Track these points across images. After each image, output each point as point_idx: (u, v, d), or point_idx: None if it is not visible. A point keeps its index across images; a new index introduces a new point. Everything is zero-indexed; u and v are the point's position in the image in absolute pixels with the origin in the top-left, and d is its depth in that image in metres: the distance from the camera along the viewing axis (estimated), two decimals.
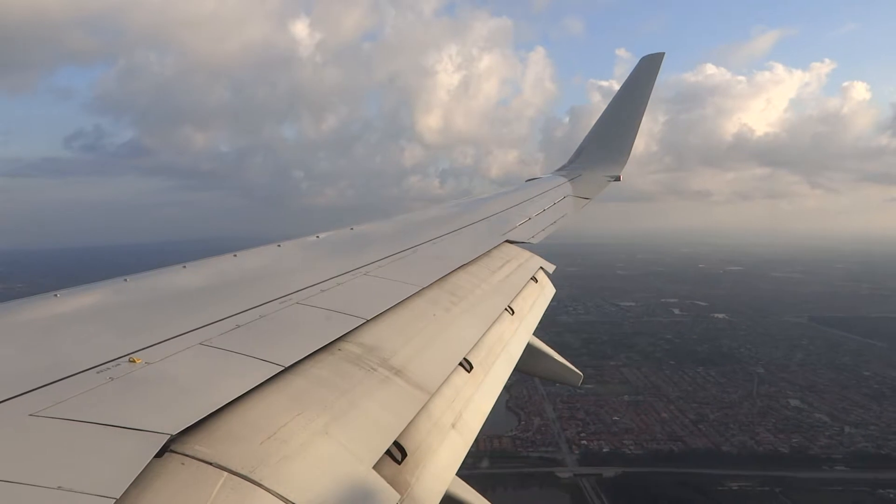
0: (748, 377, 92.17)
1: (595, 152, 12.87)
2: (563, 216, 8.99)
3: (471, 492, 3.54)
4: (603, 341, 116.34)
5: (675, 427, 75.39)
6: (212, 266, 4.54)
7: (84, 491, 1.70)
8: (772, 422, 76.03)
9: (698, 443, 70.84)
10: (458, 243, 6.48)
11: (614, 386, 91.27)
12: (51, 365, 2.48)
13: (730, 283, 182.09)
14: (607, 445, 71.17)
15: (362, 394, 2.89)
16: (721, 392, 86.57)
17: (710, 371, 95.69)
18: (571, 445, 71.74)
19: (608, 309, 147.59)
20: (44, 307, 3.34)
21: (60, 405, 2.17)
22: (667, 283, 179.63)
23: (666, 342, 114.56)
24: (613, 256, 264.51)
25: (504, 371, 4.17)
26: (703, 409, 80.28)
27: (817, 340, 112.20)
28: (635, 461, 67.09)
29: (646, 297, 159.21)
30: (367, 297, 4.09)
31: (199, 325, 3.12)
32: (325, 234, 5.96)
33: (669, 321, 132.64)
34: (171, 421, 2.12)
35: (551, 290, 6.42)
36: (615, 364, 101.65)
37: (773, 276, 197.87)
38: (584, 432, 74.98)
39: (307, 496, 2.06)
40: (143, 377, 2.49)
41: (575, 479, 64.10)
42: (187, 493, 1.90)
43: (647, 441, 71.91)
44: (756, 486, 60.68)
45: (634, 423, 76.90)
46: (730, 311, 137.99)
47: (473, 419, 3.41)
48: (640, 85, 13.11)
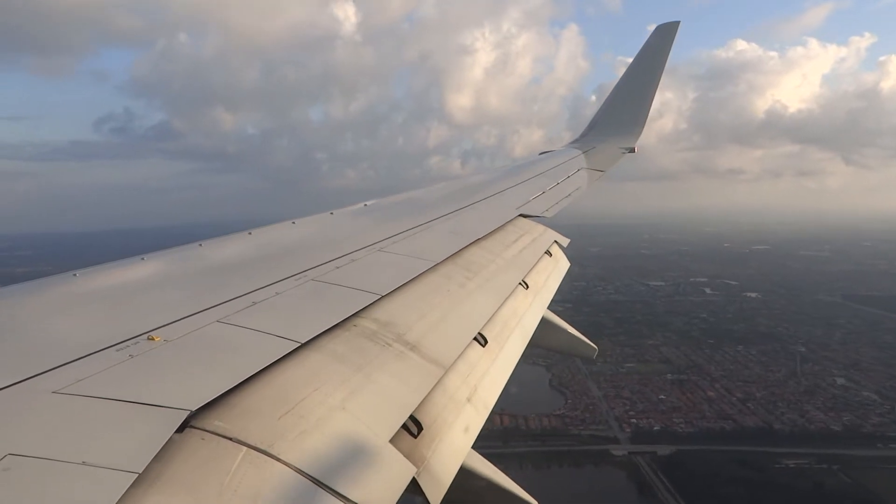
0: (790, 356, 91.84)
1: (609, 124, 12.55)
2: (578, 189, 8.84)
3: (487, 464, 3.54)
4: (637, 321, 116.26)
5: (723, 405, 75.59)
6: (227, 244, 4.55)
7: (107, 466, 1.73)
8: (820, 400, 75.95)
9: (748, 421, 71.04)
10: (472, 218, 6.41)
11: (655, 365, 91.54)
12: (72, 343, 2.50)
13: (757, 262, 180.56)
14: (657, 423, 71.61)
15: (378, 369, 2.91)
16: (764, 371, 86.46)
17: (751, 350, 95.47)
18: (622, 424, 72.30)
19: (638, 288, 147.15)
20: (64, 286, 3.36)
21: (82, 382, 2.20)
22: (694, 263, 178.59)
23: (701, 321, 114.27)
24: (636, 236, 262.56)
25: (519, 345, 4.17)
26: (748, 388, 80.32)
27: (855, 319, 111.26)
28: (688, 439, 67.52)
29: (674, 276, 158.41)
30: (382, 274, 4.09)
31: (216, 303, 3.13)
32: (340, 211, 5.90)
33: (701, 300, 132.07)
34: (191, 397, 2.15)
35: (566, 263, 6.35)
36: (653, 343, 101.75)
37: (801, 255, 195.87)
38: (632, 410, 75.48)
39: (325, 470, 2.09)
40: (162, 354, 2.52)
41: (629, 457, 64.72)
42: (207, 467, 1.92)
43: (697, 419, 72.22)
44: (813, 464, 60.91)
45: (681, 402, 77.18)
46: (761, 290, 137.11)
47: (489, 393, 3.41)
48: (654, 55, 12.61)
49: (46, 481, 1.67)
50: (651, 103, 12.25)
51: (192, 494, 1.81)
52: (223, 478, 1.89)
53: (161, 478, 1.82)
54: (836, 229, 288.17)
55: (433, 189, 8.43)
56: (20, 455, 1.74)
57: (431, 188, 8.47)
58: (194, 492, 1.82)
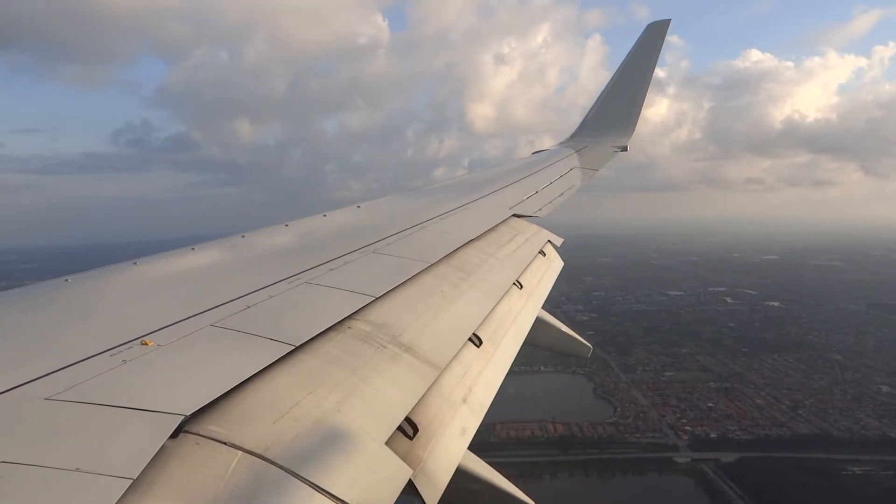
0: (827, 364, 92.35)
1: (601, 123, 12.55)
2: (571, 188, 8.85)
3: (483, 465, 3.52)
4: (666, 329, 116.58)
5: (773, 413, 75.71)
6: (220, 248, 4.53)
7: (102, 472, 1.71)
8: (870, 407, 76.33)
9: (803, 428, 71.19)
10: (466, 218, 6.43)
11: (695, 373, 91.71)
12: (64, 349, 2.49)
13: (771, 271, 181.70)
14: (713, 431, 71.60)
15: (373, 371, 2.90)
16: (806, 379, 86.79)
17: (787, 358, 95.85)
18: (677, 431, 72.21)
19: (658, 298, 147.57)
20: (56, 292, 3.35)
21: (75, 388, 2.18)
22: (708, 273, 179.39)
23: (730, 330, 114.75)
24: (642, 246, 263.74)
25: (513, 345, 4.17)
26: (795, 396, 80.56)
27: (884, 328, 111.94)
28: (747, 446, 67.54)
29: (692, 286, 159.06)
30: (376, 275, 4.09)
31: (209, 307, 3.12)
32: (333, 214, 5.91)
33: (725, 310, 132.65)
34: (185, 402, 2.13)
35: (559, 263, 6.35)
36: (688, 352, 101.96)
37: (812, 265, 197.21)
38: (683, 419, 75.44)
39: (321, 473, 2.07)
40: (155, 359, 2.50)
41: (693, 464, 64.62)
42: (202, 472, 1.91)
43: (751, 427, 72.29)
44: (879, 471, 61.06)
45: (731, 410, 77.26)
46: (782, 300, 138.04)
47: (484, 394, 3.41)
48: (646, 53, 12.62)
49: (40, 489, 1.65)
50: (643, 102, 12.26)
51: (187, 499, 1.79)
52: (218, 483, 1.87)
53: (156, 483, 1.80)
54: (841, 239, 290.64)
55: (426, 190, 8.44)
56: (13, 462, 1.72)
57: (424, 189, 8.45)
58: (189, 497, 1.80)
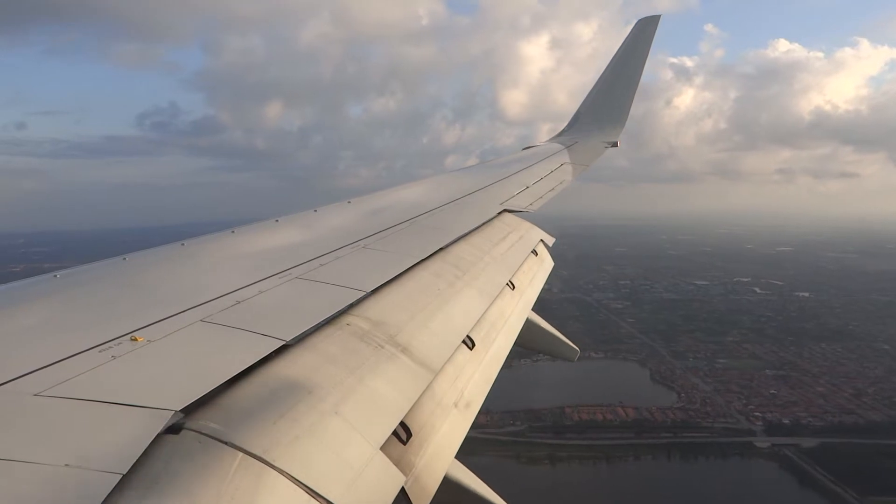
0: (877, 353, 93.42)
1: (591, 119, 12.63)
2: (561, 184, 8.91)
3: (467, 473, 3.55)
4: (704, 318, 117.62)
5: (838, 400, 76.57)
6: (210, 243, 4.50)
7: (91, 468, 1.70)
8: None
9: (873, 415, 71.99)
10: (457, 213, 6.41)
11: (747, 360, 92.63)
12: (53, 345, 2.46)
13: (789, 262, 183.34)
14: (783, 417, 72.32)
15: (370, 371, 2.88)
16: (861, 367, 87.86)
17: (835, 347, 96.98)
18: (748, 417, 72.90)
19: (686, 287, 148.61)
20: (45, 287, 3.33)
21: (64, 384, 2.16)
22: (726, 263, 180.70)
23: (768, 319, 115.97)
24: (654, 237, 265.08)
25: (504, 348, 4.18)
26: (854, 384, 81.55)
27: None
28: (822, 432, 68.39)
29: (715, 276, 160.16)
30: (367, 270, 4.09)
31: (199, 302, 3.09)
32: (323, 209, 5.90)
33: (757, 299, 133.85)
34: (175, 397, 2.11)
35: (550, 263, 6.36)
36: (733, 340, 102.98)
37: (829, 256, 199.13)
38: (750, 405, 76.16)
39: (318, 478, 2.06)
40: (145, 355, 2.49)
41: (774, 449, 65.18)
42: (205, 471, 1.89)
43: (820, 413, 73.13)
44: None
45: (795, 397, 78.07)
46: (811, 290, 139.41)
47: (475, 398, 3.41)
48: (636, 49, 12.67)
49: (29, 484, 1.65)
50: (633, 98, 12.29)
51: (192, 499, 1.79)
52: (220, 484, 1.87)
53: (160, 480, 1.80)
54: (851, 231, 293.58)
55: (418, 184, 8.48)
56: (2, 459, 1.71)
57: (416, 183, 8.46)
58: (193, 496, 1.80)
